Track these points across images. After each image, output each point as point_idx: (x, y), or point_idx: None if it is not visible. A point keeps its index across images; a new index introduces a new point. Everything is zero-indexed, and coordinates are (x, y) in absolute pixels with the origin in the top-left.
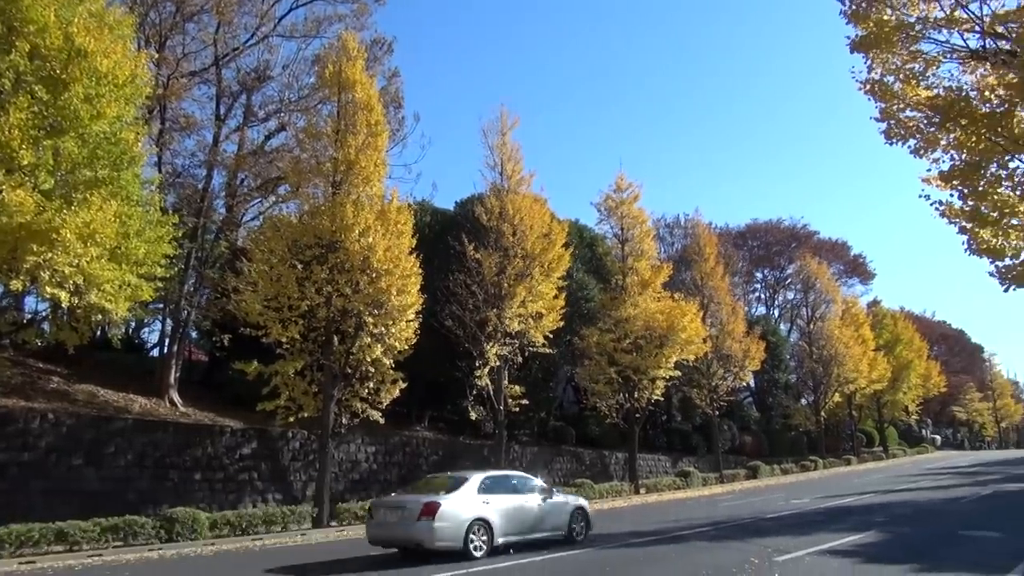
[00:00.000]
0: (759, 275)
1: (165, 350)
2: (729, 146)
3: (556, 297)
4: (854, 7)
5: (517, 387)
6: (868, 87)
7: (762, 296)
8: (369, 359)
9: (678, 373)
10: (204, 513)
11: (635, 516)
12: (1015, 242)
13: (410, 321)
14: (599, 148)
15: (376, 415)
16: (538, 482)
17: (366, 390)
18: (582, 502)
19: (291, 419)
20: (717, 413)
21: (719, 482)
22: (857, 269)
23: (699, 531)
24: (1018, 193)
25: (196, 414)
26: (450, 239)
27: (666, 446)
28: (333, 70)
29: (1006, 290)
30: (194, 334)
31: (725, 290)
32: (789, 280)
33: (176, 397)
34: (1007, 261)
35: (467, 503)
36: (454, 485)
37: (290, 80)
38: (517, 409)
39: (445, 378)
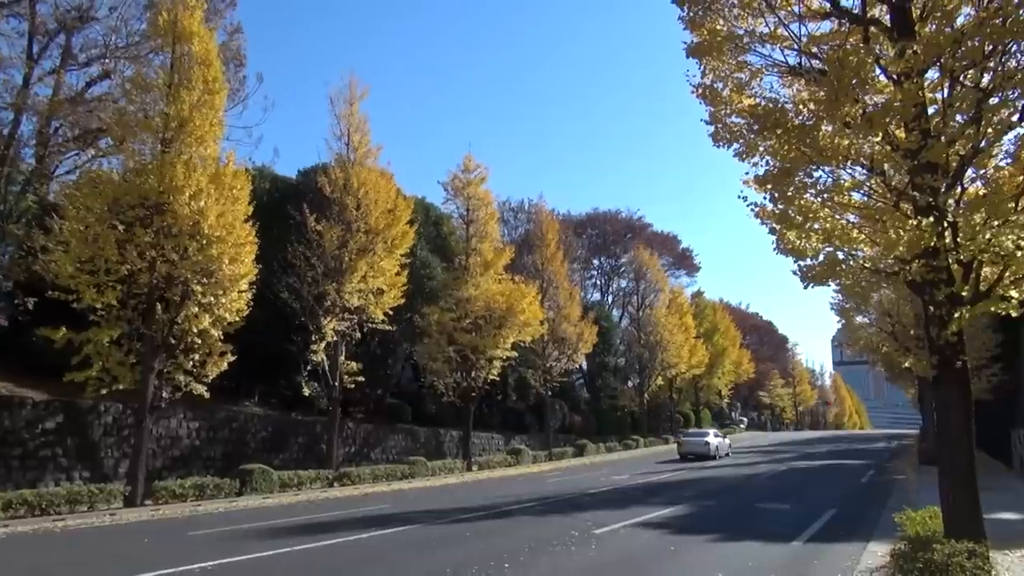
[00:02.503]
0: (596, 262)
1: None
2: (576, 138)
3: (398, 274)
4: (691, 14)
5: (354, 363)
6: (700, 91)
7: (598, 283)
8: (196, 330)
9: (515, 354)
10: None
11: (466, 493)
12: (815, 244)
13: (243, 292)
14: (449, 128)
15: (201, 389)
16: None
17: (191, 362)
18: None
19: (104, 391)
20: (550, 393)
21: (548, 460)
22: (684, 262)
23: (526, 507)
24: (820, 200)
25: None
26: (290, 209)
27: (500, 424)
28: (168, 18)
29: (806, 287)
30: None
31: (564, 275)
32: (623, 269)
33: None
34: (808, 261)
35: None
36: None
37: (118, 24)
38: (353, 386)
39: (279, 352)
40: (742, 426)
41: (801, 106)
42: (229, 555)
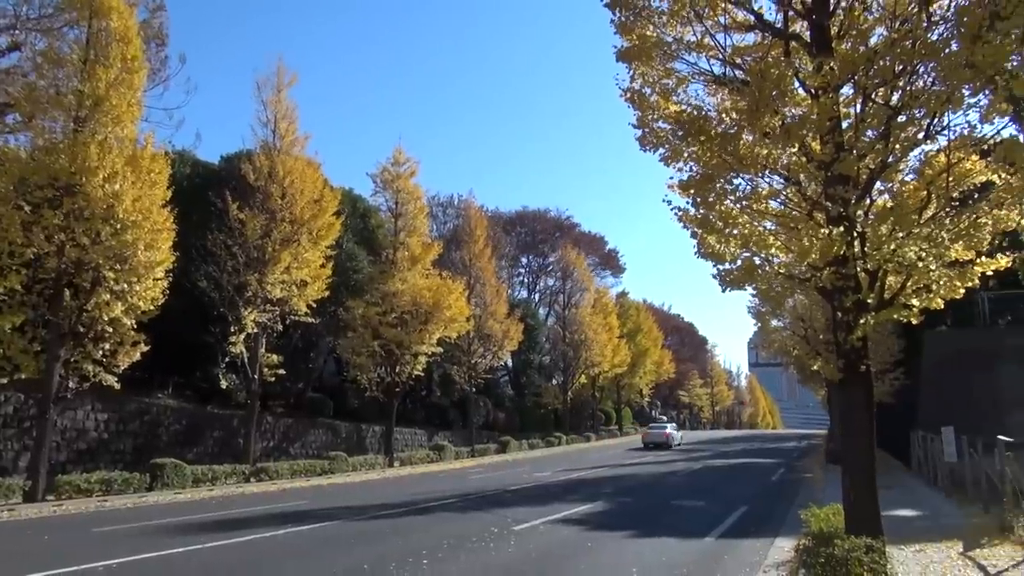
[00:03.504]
0: (524, 260)
1: None
2: (508, 137)
3: (323, 266)
4: (622, 19)
5: (275, 356)
6: (629, 95)
7: (525, 281)
8: (107, 318)
9: (440, 349)
10: None
11: (387, 489)
12: (734, 249)
13: (158, 280)
14: (381, 123)
15: (111, 380)
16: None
17: (100, 351)
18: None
19: (4, 380)
20: (474, 390)
21: (471, 456)
22: (610, 262)
23: (447, 503)
24: (739, 207)
25: None
26: (212, 195)
27: (424, 420)
28: None
29: (724, 290)
30: None
31: (491, 272)
32: (551, 267)
33: None
34: (727, 265)
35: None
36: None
37: None
38: (273, 379)
39: (196, 343)
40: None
41: (724, 115)
42: (136, 552)
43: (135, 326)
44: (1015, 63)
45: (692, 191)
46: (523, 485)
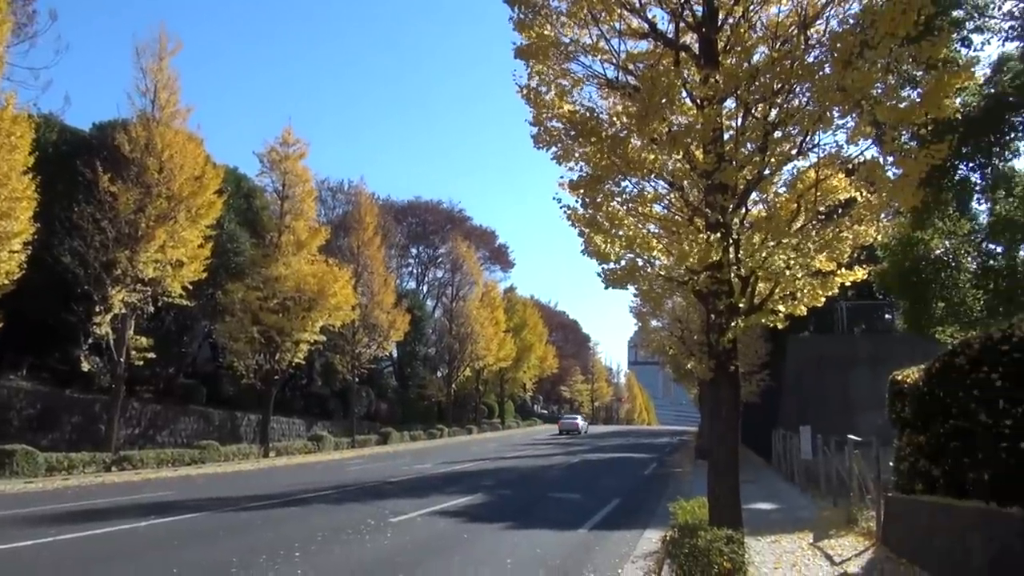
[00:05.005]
0: (414, 251)
1: None
2: (404, 125)
3: (202, 246)
4: (521, 16)
5: (145, 339)
6: (525, 92)
7: (414, 271)
8: None
9: (323, 338)
10: None
11: (261, 480)
12: (619, 250)
13: (15, 252)
14: (271, 101)
15: None
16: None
17: None
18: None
19: None
20: (357, 380)
21: (351, 447)
22: (500, 257)
23: (323, 494)
24: (625, 208)
25: None
26: (81, 165)
27: (303, 410)
28: None
29: (607, 288)
30: None
31: (380, 261)
32: (440, 259)
33: None
34: (611, 265)
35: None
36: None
37: None
38: (142, 363)
39: (55, 322)
40: (543, 419)
41: (615, 118)
42: None
43: None
44: (880, 90)
45: (582, 191)
46: (403, 477)
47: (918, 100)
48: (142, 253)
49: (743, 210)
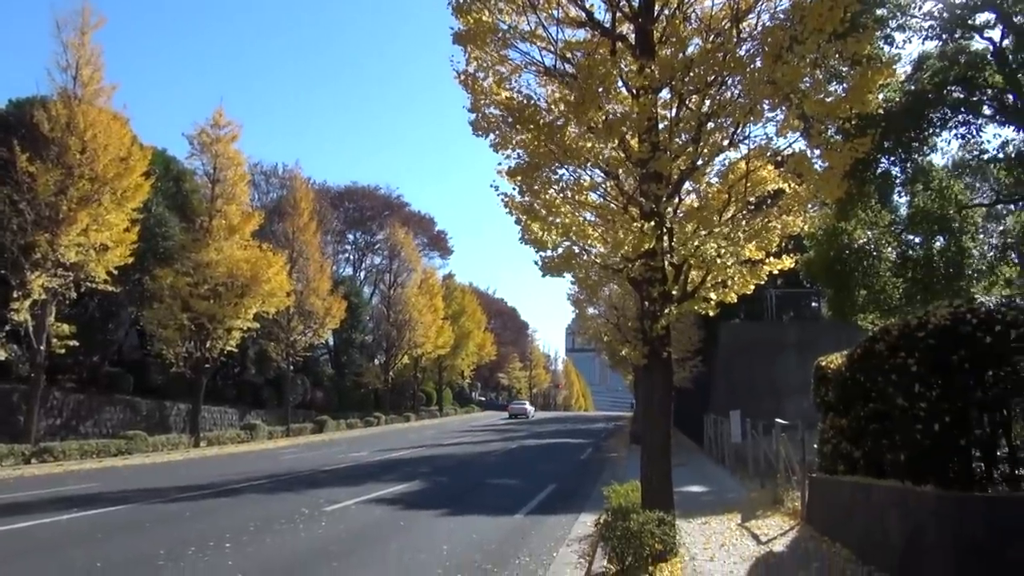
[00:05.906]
0: (351, 237)
1: None
2: (340, 109)
3: (128, 230)
4: (460, 2)
5: (67, 326)
6: (463, 78)
7: (351, 258)
8: None
9: (257, 325)
10: None
11: (191, 470)
12: (555, 237)
13: None
14: (202, 82)
15: None
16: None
17: None
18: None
19: None
20: (292, 368)
21: (286, 436)
22: (438, 243)
23: (256, 484)
24: (562, 196)
25: None
26: None
27: (235, 399)
28: None
29: (544, 276)
30: None
31: (316, 247)
32: (378, 246)
33: None
34: (548, 252)
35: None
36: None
37: None
38: (64, 351)
39: None
40: (481, 406)
41: (553, 106)
42: None
43: None
44: (808, 84)
45: (519, 178)
46: (338, 465)
47: (843, 95)
48: (63, 236)
49: (676, 199)
